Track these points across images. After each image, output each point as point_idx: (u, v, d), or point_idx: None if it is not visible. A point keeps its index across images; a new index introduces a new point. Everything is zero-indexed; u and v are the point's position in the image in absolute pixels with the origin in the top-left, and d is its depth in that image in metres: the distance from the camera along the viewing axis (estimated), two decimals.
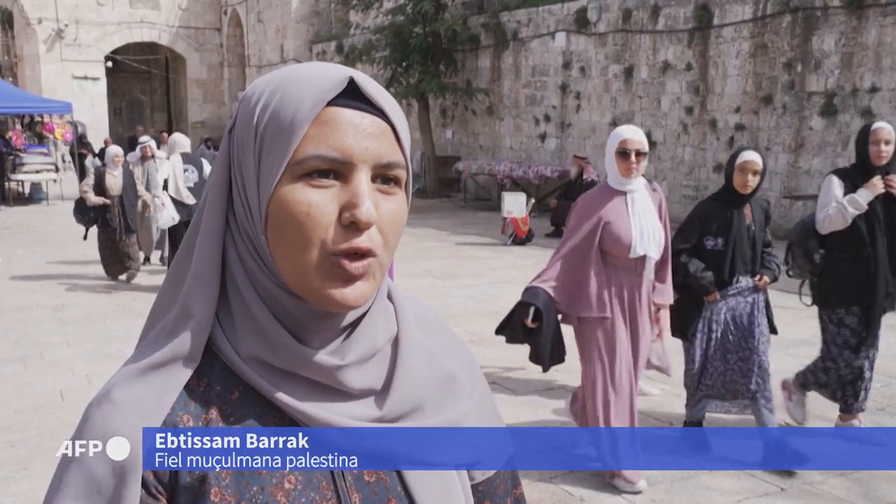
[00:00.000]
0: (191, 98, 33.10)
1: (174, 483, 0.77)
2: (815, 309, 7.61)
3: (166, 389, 0.77)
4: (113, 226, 9.15)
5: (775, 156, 13.02)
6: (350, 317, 0.81)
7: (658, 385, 5.50)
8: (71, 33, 28.41)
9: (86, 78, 28.64)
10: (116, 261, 9.36)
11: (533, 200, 14.08)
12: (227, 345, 0.79)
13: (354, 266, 0.75)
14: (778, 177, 13.01)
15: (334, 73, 0.77)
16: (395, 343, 0.84)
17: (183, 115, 34.41)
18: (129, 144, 19.43)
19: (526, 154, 17.72)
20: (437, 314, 0.94)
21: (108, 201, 9.12)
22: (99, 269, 9.81)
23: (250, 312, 0.79)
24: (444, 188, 19.66)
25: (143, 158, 10.24)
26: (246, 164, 0.78)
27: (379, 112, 0.78)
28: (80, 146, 20.52)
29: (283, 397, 0.78)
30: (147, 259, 10.46)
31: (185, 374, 0.78)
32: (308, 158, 0.75)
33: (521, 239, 12.43)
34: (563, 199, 13.49)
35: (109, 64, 29.70)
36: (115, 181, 9.29)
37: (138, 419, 0.76)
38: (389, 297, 0.88)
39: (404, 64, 19.04)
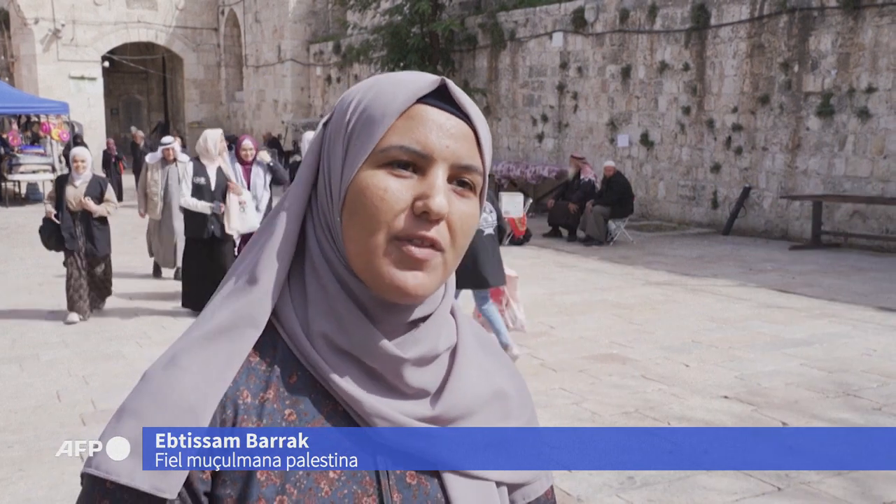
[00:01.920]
0: (188, 98, 33.07)
1: None
2: (811, 309, 7.66)
3: (230, 358, 0.79)
4: (70, 248, 7.27)
5: (772, 156, 13.04)
6: (415, 314, 0.82)
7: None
8: (68, 33, 28.37)
9: (83, 78, 28.61)
10: (78, 296, 7.45)
11: (530, 200, 14.09)
12: (294, 322, 0.81)
13: (420, 251, 0.77)
14: (775, 177, 13.03)
15: (427, 76, 0.82)
16: (453, 354, 0.87)
17: (180, 115, 34.39)
18: (131, 150, 18.98)
19: (523, 154, 17.73)
20: (493, 339, 0.97)
21: (53, 211, 7.18)
22: None
23: (325, 290, 0.81)
24: None
25: (165, 162, 9.25)
26: (334, 152, 0.82)
27: (465, 118, 0.81)
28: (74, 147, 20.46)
29: (337, 380, 0.79)
30: (157, 272, 9.86)
31: (249, 340, 0.80)
32: (391, 147, 0.78)
33: (518, 239, 12.44)
34: (560, 199, 13.50)
35: (106, 64, 29.66)
36: (75, 193, 7.19)
37: (203, 386, 0.77)
38: (451, 314, 0.90)
39: (402, 64, 19.04)
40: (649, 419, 4.94)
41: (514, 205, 12.58)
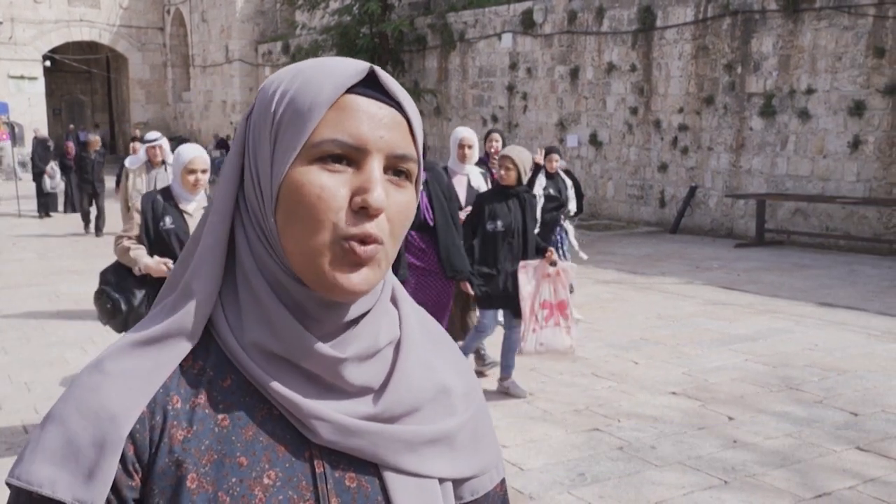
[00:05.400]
0: (133, 98, 32.46)
1: (152, 464, 0.76)
2: (755, 305, 7.82)
3: (158, 365, 0.77)
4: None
5: (717, 156, 13.30)
6: (354, 312, 0.80)
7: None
8: (6, 31, 27.61)
9: (22, 77, 27.87)
10: None
11: None
12: (227, 330, 0.79)
13: (363, 249, 0.75)
14: (720, 176, 13.29)
15: (355, 64, 0.79)
16: (397, 348, 0.84)
17: (125, 115, 33.72)
18: (78, 158, 14.86)
19: None
20: (442, 330, 0.94)
21: (159, 262, 4.03)
22: (37, 275, 9.47)
23: (256, 297, 0.79)
24: None
25: (150, 165, 7.32)
26: (261, 147, 0.78)
27: (396, 105, 0.79)
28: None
29: (274, 387, 0.77)
30: None
31: (180, 351, 0.78)
32: (323, 142, 0.75)
33: None
34: None
35: (48, 63, 28.94)
36: (192, 223, 4.20)
37: (127, 392, 0.76)
38: (395, 303, 0.88)
39: None
40: (599, 416, 4.99)
41: None
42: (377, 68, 0.79)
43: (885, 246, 11.13)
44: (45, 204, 16.37)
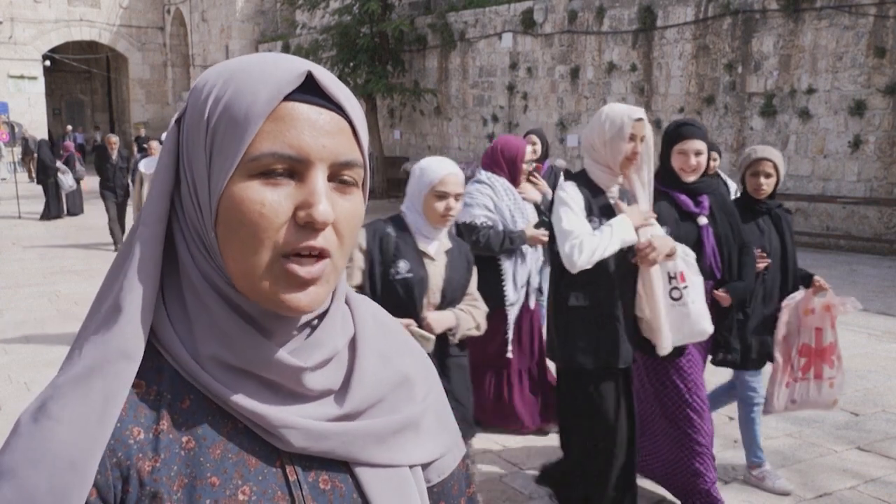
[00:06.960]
0: (133, 98, 32.48)
1: (123, 501, 0.72)
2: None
3: (108, 398, 0.71)
4: None
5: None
6: (308, 315, 0.78)
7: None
8: (6, 31, 27.63)
9: (22, 77, 27.89)
10: None
11: None
12: (179, 347, 0.75)
13: (307, 270, 0.72)
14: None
15: (291, 66, 0.74)
16: (352, 345, 0.83)
17: (125, 115, 33.74)
18: (97, 161, 12.85)
19: (474, 154, 17.80)
20: (393, 318, 0.93)
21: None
22: (37, 275, 9.43)
23: (207, 309, 0.75)
24: (393, 188, 19.63)
25: None
26: (196, 158, 0.74)
27: (337, 108, 0.75)
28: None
29: (237, 401, 0.74)
30: None
31: (126, 378, 0.72)
32: (262, 156, 0.71)
33: None
34: None
35: (47, 63, 28.96)
36: (435, 273, 3.01)
37: (81, 436, 0.69)
38: (345, 300, 0.87)
39: (351, 64, 18.95)
40: None
41: None
42: (315, 70, 0.74)
43: (886, 246, 11.13)
44: (56, 207, 16.01)
